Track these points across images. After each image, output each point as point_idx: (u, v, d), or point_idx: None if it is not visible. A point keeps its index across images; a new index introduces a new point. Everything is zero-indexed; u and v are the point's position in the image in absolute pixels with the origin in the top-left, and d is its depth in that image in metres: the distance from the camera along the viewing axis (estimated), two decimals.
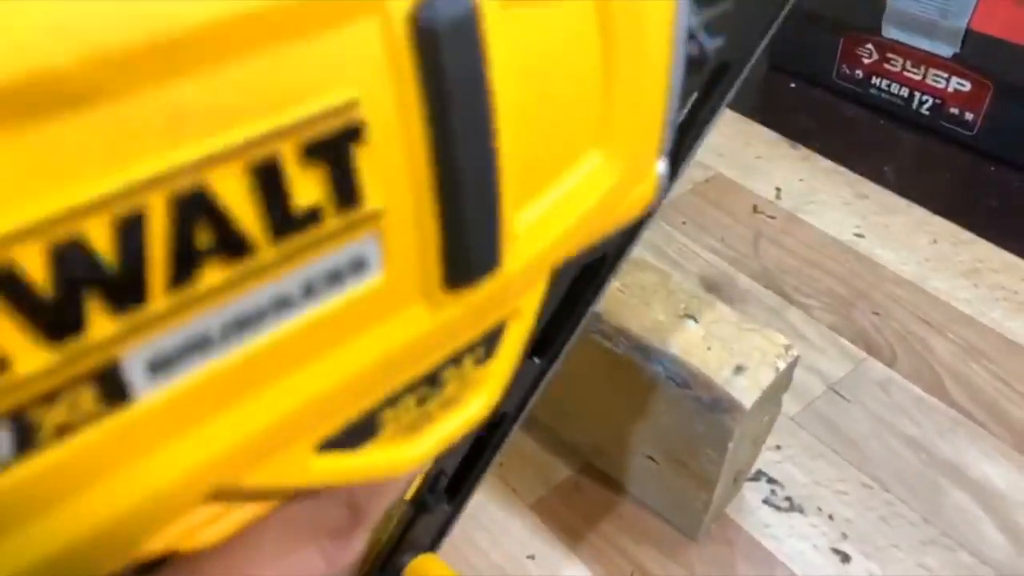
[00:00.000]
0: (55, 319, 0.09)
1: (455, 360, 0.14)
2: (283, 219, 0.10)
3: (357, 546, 0.16)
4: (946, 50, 0.61)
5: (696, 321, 0.35)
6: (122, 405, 0.10)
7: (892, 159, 0.65)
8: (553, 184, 0.14)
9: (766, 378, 0.34)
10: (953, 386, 0.48)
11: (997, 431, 0.46)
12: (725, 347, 0.34)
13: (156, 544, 0.11)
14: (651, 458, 0.39)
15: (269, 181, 0.10)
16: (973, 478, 0.44)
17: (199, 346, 0.10)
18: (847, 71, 0.69)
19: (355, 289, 0.11)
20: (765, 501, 0.43)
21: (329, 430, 0.13)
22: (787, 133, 0.67)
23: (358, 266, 0.11)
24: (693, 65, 0.18)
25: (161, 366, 0.10)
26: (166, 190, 0.09)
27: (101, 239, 0.09)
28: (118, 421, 0.10)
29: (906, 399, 0.47)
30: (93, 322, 0.09)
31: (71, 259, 0.08)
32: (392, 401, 0.13)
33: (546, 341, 0.24)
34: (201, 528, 0.12)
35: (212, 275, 0.10)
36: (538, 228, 0.13)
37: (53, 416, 0.09)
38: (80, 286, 0.09)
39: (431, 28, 0.10)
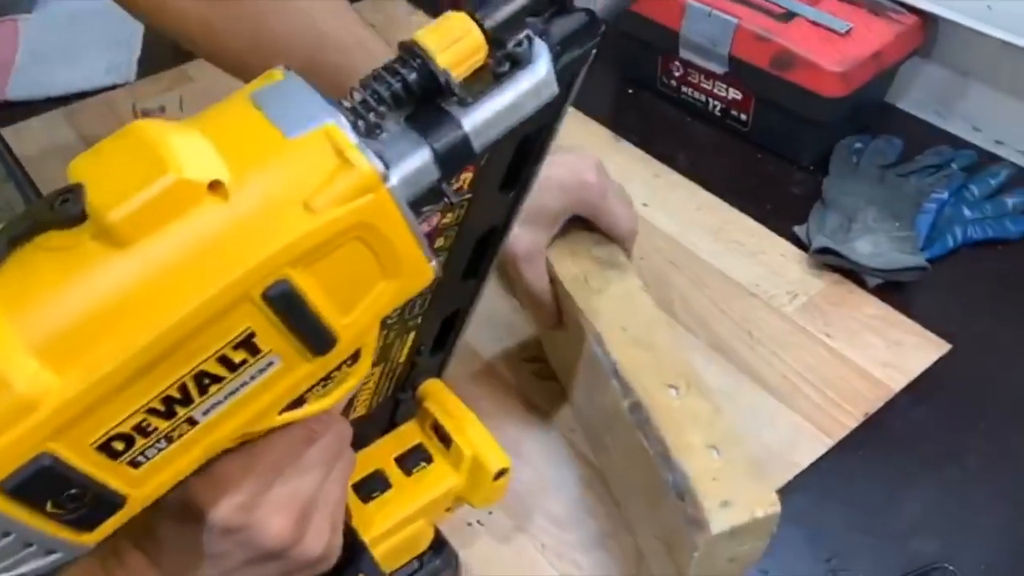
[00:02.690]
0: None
1: (337, 369, 0.32)
2: (233, 367, 0.28)
3: (327, 436, 0.35)
4: (719, 69, 0.84)
5: (719, 453, 0.45)
6: (197, 424, 0.29)
7: (687, 148, 0.87)
8: (363, 299, 0.30)
9: (740, 519, 0.43)
10: (680, 307, 0.71)
11: (699, 335, 0.69)
12: (726, 483, 0.44)
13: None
14: (656, 536, 0.50)
15: (226, 360, 0.28)
16: None
17: (226, 398, 0.29)
18: (665, 81, 0.92)
19: (274, 369, 0.29)
20: None
21: (282, 406, 0.31)
22: (615, 128, 0.90)
23: (270, 364, 0.29)
24: (448, 205, 0.33)
25: (210, 411, 0.29)
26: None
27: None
28: (201, 427, 0.30)
29: None
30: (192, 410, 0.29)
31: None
32: (308, 391, 0.32)
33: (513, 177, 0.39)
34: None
35: (215, 389, 0.29)
36: (358, 317, 0.30)
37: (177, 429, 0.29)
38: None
39: (272, 299, 0.27)
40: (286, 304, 0.28)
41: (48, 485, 0.26)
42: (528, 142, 0.37)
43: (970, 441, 0.62)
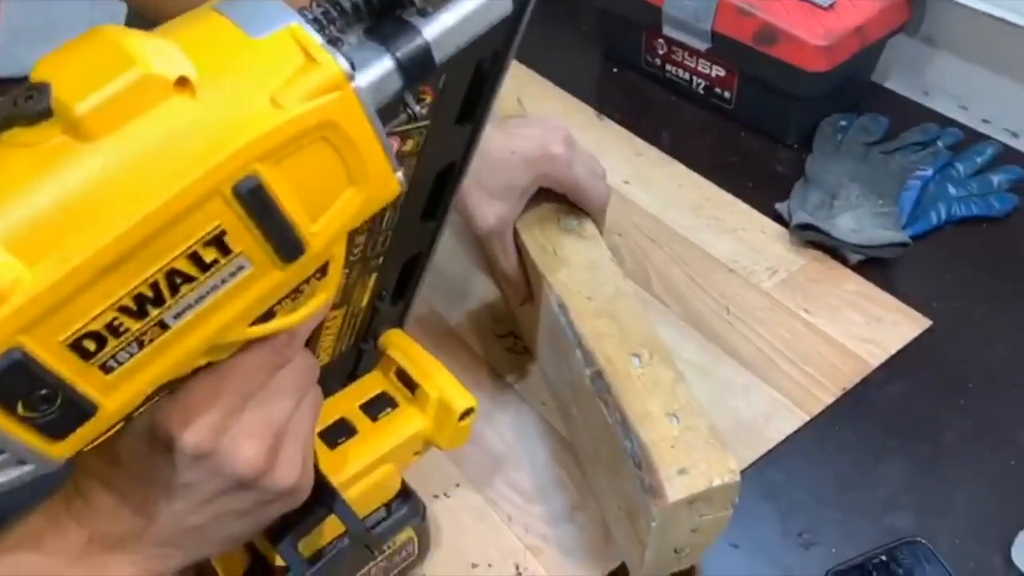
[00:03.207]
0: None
1: (306, 281, 0.32)
2: (204, 266, 0.28)
3: (294, 362, 0.35)
4: (702, 45, 0.83)
5: (678, 421, 0.44)
6: (168, 328, 0.29)
7: (670, 126, 0.86)
8: (331, 206, 0.30)
9: (697, 487, 0.42)
10: (657, 282, 0.71)
11: (676, 310, 0.68)
12: (684, 451, 0.43)
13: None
14: (619, 507, 0.50)
15: (197, 258, 0.29)
16: None
17: (197, 301, 0.29)
18: (649, 59, 0.91)
19: (245, 273, 0.29)
20: None
21: (253, 317, 0.31)
22: (599, 107, 0.89)
23: (240, 268, 0.29)
24: (411, 118, 0.34)
25: (181, 315, 0.29)
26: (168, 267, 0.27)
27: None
28: (172, 331, 0.29)
29: None
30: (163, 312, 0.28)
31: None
32: (278, 303, 0.32)
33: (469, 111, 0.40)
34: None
35: (187, 290, 0.28)
36: (327, 225, 0.30)
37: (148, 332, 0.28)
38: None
39: (242, 195, 0.27)
40: (256, 201, 0.28)
41: (19, 382, 0.26)
42: (482, 71, 0.38)
43: (947, 418, 0.61)
